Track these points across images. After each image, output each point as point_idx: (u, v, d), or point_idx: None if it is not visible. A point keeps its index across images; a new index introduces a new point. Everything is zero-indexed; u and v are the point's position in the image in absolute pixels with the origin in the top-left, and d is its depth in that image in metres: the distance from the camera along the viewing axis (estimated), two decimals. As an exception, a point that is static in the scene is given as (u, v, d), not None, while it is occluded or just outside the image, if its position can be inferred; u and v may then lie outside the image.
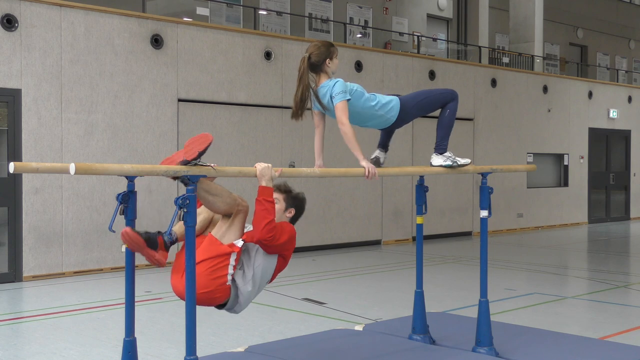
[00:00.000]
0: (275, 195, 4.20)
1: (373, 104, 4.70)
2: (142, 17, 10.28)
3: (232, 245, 3.91)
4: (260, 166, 4.00)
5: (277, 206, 4.19)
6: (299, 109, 4.60)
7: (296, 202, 4.35)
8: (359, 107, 4.64)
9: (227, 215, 3.97)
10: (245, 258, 4.02)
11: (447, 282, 9.23)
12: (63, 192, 9.43)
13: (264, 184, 3.99)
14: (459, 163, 4.95)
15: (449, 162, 4.94)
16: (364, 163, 4.55)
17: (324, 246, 12.37)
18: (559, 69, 19.51)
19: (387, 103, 4.76)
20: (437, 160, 4.99)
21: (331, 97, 4.56)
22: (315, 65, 4.59)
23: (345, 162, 12.04)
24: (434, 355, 5.24)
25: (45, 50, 9.29)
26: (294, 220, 4.35)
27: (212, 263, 3.87)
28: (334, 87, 4.54)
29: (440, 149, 4.98)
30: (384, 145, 5.09)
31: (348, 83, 4.63)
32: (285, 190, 4.35)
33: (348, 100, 4.52)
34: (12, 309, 7.79)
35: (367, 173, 4.52)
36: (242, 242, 3.95)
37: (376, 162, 4.95)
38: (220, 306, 4.03)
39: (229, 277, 3.93)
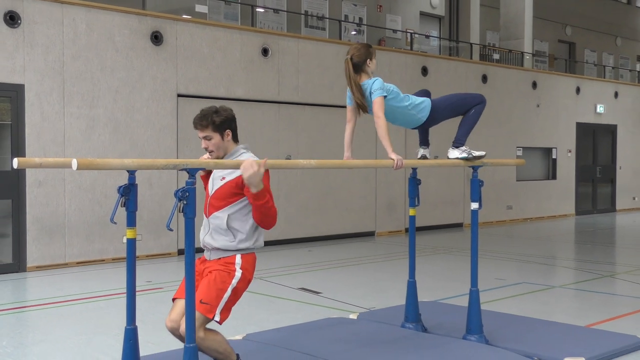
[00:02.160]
0: (207, 133, 4.03)
1: (406, 104, 4.96)
2: (142, 14, 10.24)
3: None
4: (246, 173, 3.73)
5: (214, 141, 4.03)
6: (362, 105, 4.88)
7: (224, 123, 4.05)
8: (394, 105, 4.90)
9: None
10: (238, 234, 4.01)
11: (439, 272, 9.25)
12: (66, 185, 9.41)
13: (254, 191, 3.78)
14: (474, 155, 5.18)
15: (464, 155, 5.16)
16: (393, 155, 4.82)
17: (319, 237, 12.38)
18: (547, 65, 19.49)
19: (419, 104, 5.01)
20: (454, 153, 5.22)
21: (370, 93, 4.82)
22: (357, 66, 4.88)
23: (341, 156, 12.02)
24: (426, 343, 5.26)
25: (48, 47, 9.26)
26: (235, 132, 4.12)
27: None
28: (373, 84, 4.82)
29: (458, 144, 5.20)
30: (425, 142, 5.36)
31: (386, 83, 4.89)
32: (208, 123, 4.02)
33: (385, 97, 4.79)
34: (16, 299, 7.78)
35: (395, 165, 4.79)
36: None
37: (423, 159, 5.24)
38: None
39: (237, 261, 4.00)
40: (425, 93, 5.19)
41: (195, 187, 3.59)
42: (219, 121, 4.03)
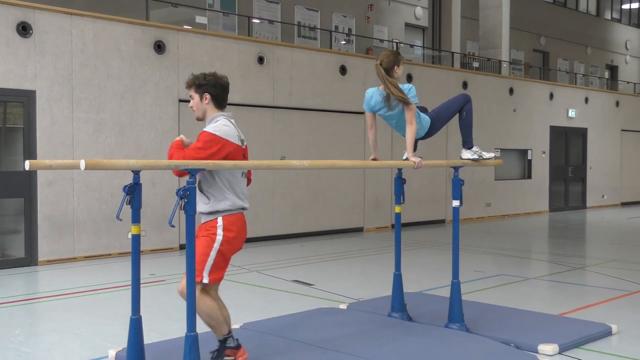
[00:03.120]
0: (190, 92, 4.13)
1: (418, 116, 5.04)
2: (145, 25, 10.21)
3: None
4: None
5: (194, 101, 4.10)
6: (402, 99, 4.94)
7: (205, 86, 4.08)
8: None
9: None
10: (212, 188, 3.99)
11: (423, 265, 9.27)
12: (74, 184, 9.38)
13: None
14: (484, 157, 5.28)
15: (475, 156, 5.25)
16: (415, 158, 4.97)
17: (311, 233, 12.38)
18: (523, 73, 19.57)
19: (423, 119, 5.09)
20: (466, 154, 5.29)
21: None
22: (386, 71, 4.96)
23: (331, 157, 12.07)
24: (411, 331, 5.27)
25: (57, 55, 9.22)
26: (217, 99, 4.13)
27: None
28: (410, 90, 4.91)
29: (468, 145, 5.27)
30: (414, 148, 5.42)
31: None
32: (191, 84, 4.10)
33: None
34: (28, 291, 7.75)
35: (416, 165, 4.95)
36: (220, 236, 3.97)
37: (407, 160, 5.24)
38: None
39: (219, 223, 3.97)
40: None
41: (195, 186, 3.59)
42: (199, 83, 4.09)
